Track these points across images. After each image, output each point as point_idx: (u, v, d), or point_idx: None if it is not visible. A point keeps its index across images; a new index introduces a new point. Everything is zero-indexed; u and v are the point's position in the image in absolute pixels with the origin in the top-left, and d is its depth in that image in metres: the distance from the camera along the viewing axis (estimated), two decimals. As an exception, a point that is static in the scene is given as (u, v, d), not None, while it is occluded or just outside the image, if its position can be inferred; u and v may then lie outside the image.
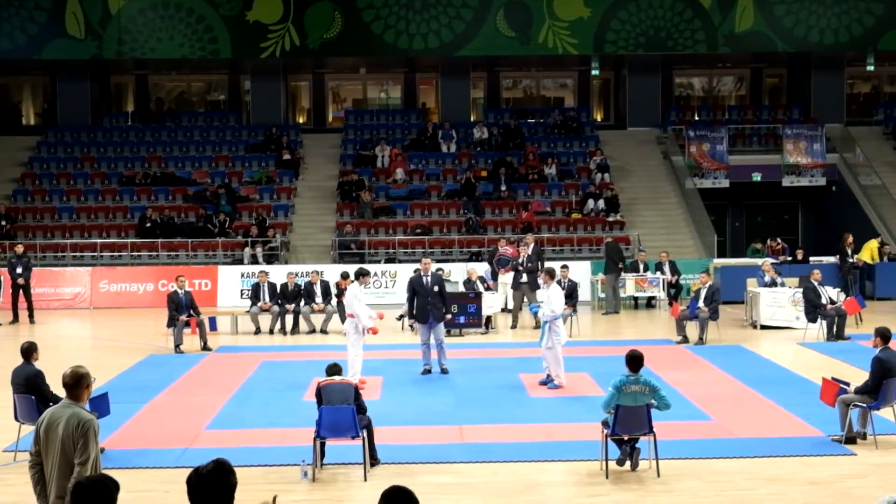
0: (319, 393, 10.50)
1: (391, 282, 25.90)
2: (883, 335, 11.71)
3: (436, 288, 16.26)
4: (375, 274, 26.03)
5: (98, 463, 6.81)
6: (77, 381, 6.97)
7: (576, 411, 13.10)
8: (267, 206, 30.07)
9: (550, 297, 14.78)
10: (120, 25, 31.52)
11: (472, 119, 34.92)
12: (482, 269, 22.71)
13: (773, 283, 21.36)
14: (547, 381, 14.93)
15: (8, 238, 27.37)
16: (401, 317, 21.39)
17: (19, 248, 23.88)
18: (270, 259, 27.50)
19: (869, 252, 26.16)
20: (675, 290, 24.41)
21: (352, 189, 30.15)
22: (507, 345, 19.57)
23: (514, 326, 21.63)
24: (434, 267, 17.15)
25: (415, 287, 16.37)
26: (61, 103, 34.12)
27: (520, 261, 21.97)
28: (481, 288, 20.64)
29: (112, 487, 5.44)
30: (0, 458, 11.26)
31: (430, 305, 16.05)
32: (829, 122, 32.64)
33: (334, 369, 10.93)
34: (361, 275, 15.28)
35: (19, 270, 23.10)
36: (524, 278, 21.74)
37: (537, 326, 21.24)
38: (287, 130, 33.80)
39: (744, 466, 10.64)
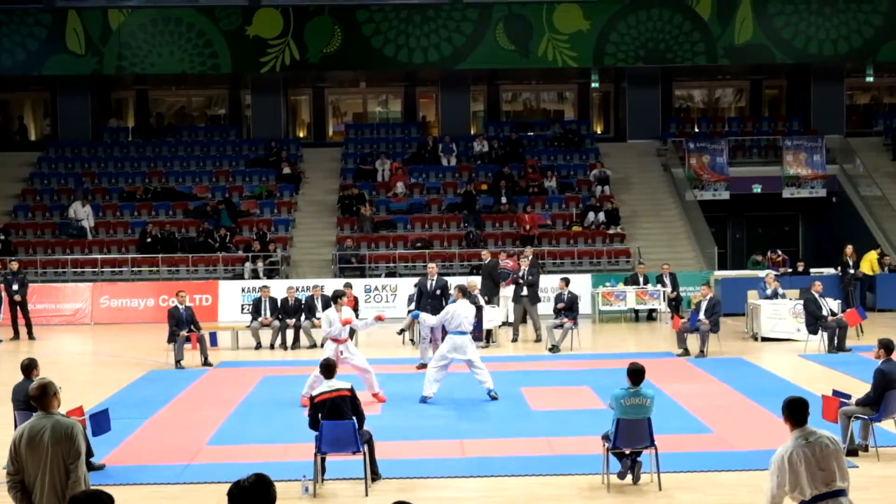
0: (315, 407, 10.42)
1: (392, 296, 25.87)
2: (886, 346, 11.65)
3: (438, 291, 18.84)
4: (376, 288, 26.04)
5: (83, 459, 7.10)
6: (43, 392, 7.18)
7: (577, 425, 13.06)
8: (267, 220, 30.09)
9: (458, 311, 14.93)
10: (120, 41, 31.62)
11: (472, 132, 34.97)
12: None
13: (775, 295, 21.35)
14: (489, 393, 15.00)
15: (8, 254, 27.35)
16: (401, 331, 21.35)
17: (14, 265, 23.81)
18: (271, 274, 27.49)
19: (869, 263, 26.16)
20: (675, 303, 24.39)
21: (352, 203, 30.17)
22: (508, 358, 19.53)
23: (514, 340, 21.60)
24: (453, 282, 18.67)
25: (421, 290, 19.25)
26: (62, 119, 34.20)
27: (520, 274, 21.95)
28: (482, 301, 20.62)
29: (107, 501, 5.48)
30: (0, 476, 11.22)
31: (430, 306, 18.17)
32: (828, 134, 32.66)
33: (329, 369, 10.78)
34: (337, 297, 15.12)
35: (15, 287, 23.07)
36: (524, 291, 21.72)
37: (538, 340, 21.33)
38: (287, 145, 33.85)
39: (746, 479, 10.60)
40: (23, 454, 6.94)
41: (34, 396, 7.17)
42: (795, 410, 7.03)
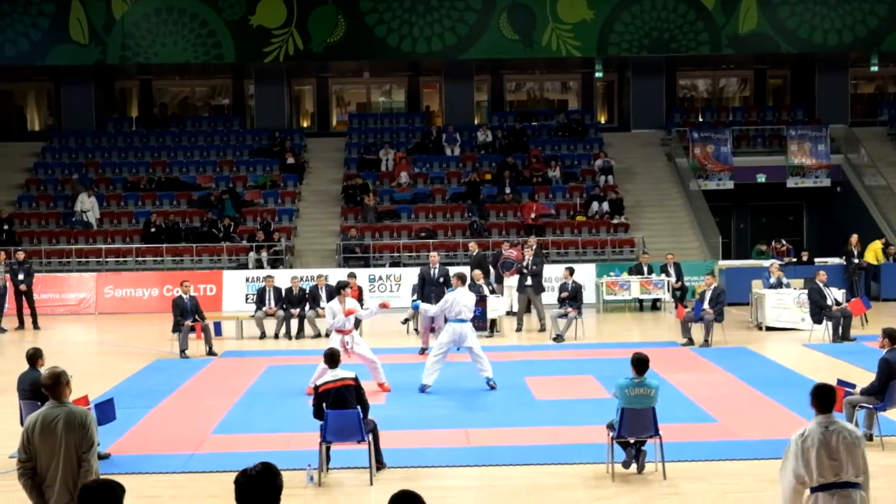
0: (319, 397, 10.46)
1: (396, 285, 25.89)
2: (890, 336, 11.63)
3: (441, 279, 19.44)
4: (380, 278, 26.06)
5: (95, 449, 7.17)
6: (56, 381, 7.20)
7: (581, 414, 13.07)
8: (271, 210, 30.09)
9: (457, 299, 14.91)
10: (124, 31, 31.59)
11: (475, 122, 34.95)
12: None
13: (779, 285, 21.34)
14: (488, 382, 14.98)
15: (12, 244, 27.38)
16: (406, 320, 21.39)
17: (20, 255, 23.87)
18: (275, 263, 27.51)
19: (873, 253, 26.14)
20: (680, 292, 24.38)
21: (356, 193, 30.16)
22: (513, 348, 19.56)
23: (519, 329, 21.60)
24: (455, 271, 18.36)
25: (424, 277, 19.90)
26: (65, 109, 34.20)
27: (524, 263, 21.94)
28: (486, 291, 20.63)
29: (119, 491, 5.52)
30: (5, 465, 11.24)
31: (433, 294, 18.80)
32: (833, 123, 32.59)
33: (334, 358, 10.80)
34: (341, 288, 15.09)
35: (21, 277, 23.12)
36: (529, 281, 21.72)
37: (542, 329, 21.33)
38: (291, 134, 33.84)
39: (750, 468, 10.61)
40: (36, 442, 6.98)
41: (47, 385, 7.19)
42: (822, 397, 7.23)
